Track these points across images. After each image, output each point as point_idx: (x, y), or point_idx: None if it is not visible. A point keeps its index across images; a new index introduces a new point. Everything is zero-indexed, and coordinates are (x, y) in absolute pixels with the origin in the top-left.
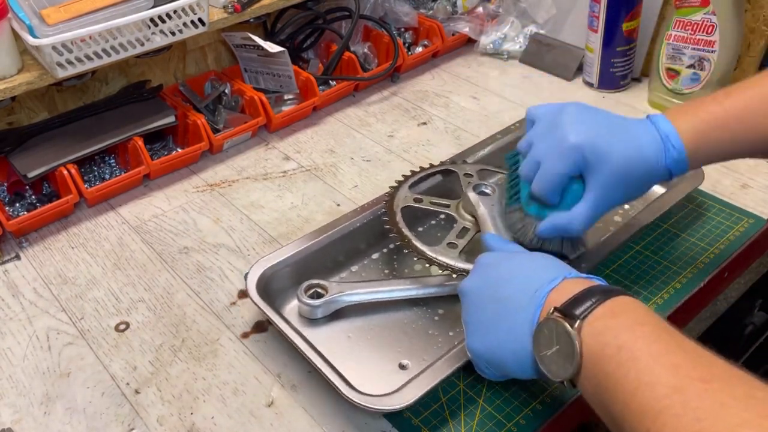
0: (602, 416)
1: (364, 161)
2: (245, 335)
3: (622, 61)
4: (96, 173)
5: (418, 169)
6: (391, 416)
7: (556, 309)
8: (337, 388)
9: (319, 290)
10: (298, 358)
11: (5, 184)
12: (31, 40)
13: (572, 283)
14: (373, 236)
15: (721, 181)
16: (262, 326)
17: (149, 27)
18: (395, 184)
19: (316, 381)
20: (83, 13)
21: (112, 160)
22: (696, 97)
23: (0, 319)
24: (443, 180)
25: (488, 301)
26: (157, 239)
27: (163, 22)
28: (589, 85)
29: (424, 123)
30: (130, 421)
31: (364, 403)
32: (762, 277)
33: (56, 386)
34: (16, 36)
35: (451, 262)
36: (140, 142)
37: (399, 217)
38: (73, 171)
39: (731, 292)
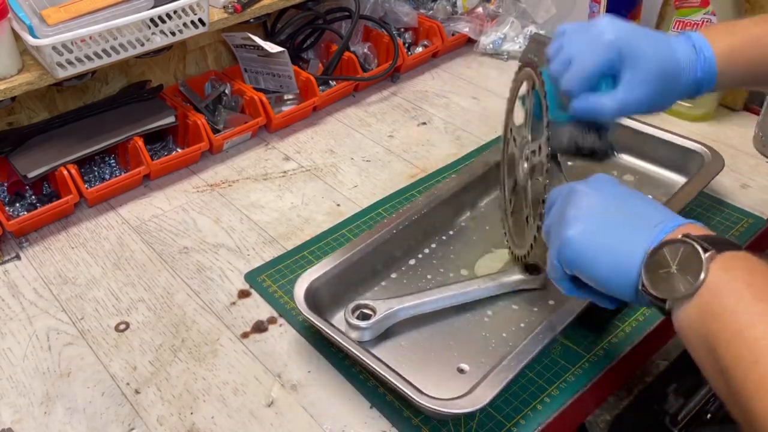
0: (696, 346)
1: (364, 161)
2: (245, 335)
3: None
4: (96, 173)
5: (421, 169)
6: (392, 416)
7: (687, 235)
8: (410, 396)
9: (366, 311)
10: (297, 358)
11: (5, 184)
12: (31, 40)
13: (704, 229)
14: (407, 243)
15: (721, 181)
16: (262, 326)
17: (149, 27)
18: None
19: (316, 381)
20: (83, 14)
21: (112, 160)
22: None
23: (0, 319)
24: None
25: (612, 203)
26: (157, 239)
27: (164, 22)
28: None
29: (424, 123)
30: (130, 421)
31: (440, 408)
32: None
33: (56, 386)
34: (17, 36)
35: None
36: (140, 142)
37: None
38: (73, 171)
39: None
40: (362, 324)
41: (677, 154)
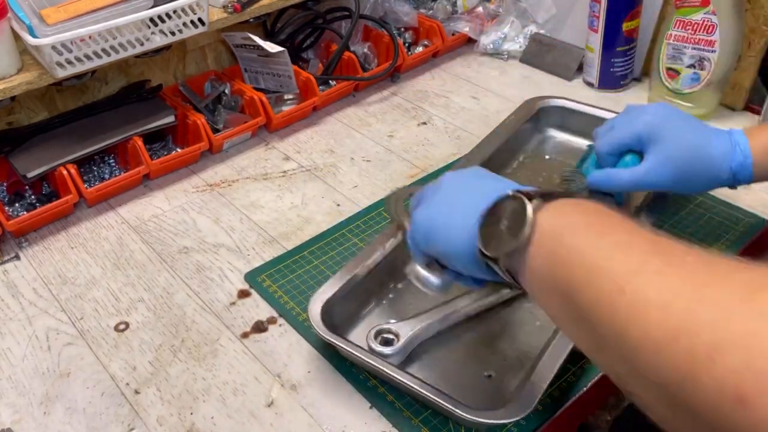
0: (549, 300)
1: (364, 161)
2: (245, 335)
3: (622, 61)
4: (96, 173)
5: (421, 169)
6: (392, 416)
7: (518, 191)
8: (456, 412)
9: (387, 335)
10: (297, 358)
11: (5, 184)
12: (30, 40)
13: (542, 190)
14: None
15: None
16: (261, 326)
17: (149, 27)
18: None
19: (316, 381)
20: (83, 13)
21: (112, 160)
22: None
23: (0, 319)
24: None
25: (461, 184)
26: (156, 239)
27: (163, 21)
28: (590, 85)
29: (424, 123)
30: (130, 421)
31: (486, 420)
32: None
33: (56, 386)
34: (16, 36)
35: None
36: (140, 142)
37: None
38: (72, 171)
39: None
40: (387, 350)
41: None
